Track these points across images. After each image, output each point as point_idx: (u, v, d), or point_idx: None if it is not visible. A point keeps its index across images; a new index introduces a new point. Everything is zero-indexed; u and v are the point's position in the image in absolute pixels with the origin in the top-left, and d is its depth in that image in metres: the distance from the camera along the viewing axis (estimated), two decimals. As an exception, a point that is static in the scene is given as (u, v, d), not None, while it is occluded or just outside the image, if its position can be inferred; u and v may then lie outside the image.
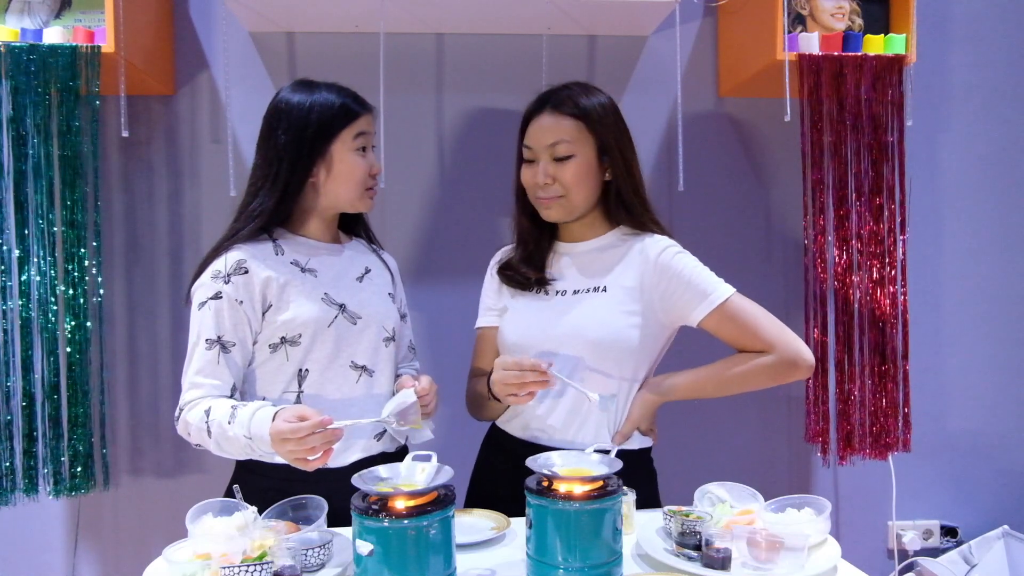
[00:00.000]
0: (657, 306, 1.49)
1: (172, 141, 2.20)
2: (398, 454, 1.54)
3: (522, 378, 1.38)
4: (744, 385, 1.49)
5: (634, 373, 1.50)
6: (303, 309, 1.42)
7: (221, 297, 1.40)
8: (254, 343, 1.44)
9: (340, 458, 1.44)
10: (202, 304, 1.41)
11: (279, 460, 1.36)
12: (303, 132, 1.43)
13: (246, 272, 1.41)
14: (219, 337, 1.40)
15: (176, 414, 1.41)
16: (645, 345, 1.49)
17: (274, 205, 1.44)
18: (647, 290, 1.49)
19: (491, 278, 1.66)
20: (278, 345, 1.43)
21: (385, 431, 1.48)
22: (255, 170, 1.48)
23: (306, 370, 1.43)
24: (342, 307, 1.46)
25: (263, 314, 1.43)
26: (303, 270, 1.46)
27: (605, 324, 1.47)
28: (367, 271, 1.56)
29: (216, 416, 1.33)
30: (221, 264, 1.41)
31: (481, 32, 2.26)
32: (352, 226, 1.63)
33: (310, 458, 1.25)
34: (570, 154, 1.48)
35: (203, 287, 1.42)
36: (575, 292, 1.52)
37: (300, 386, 1.43)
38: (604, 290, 1.50)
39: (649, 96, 2.34)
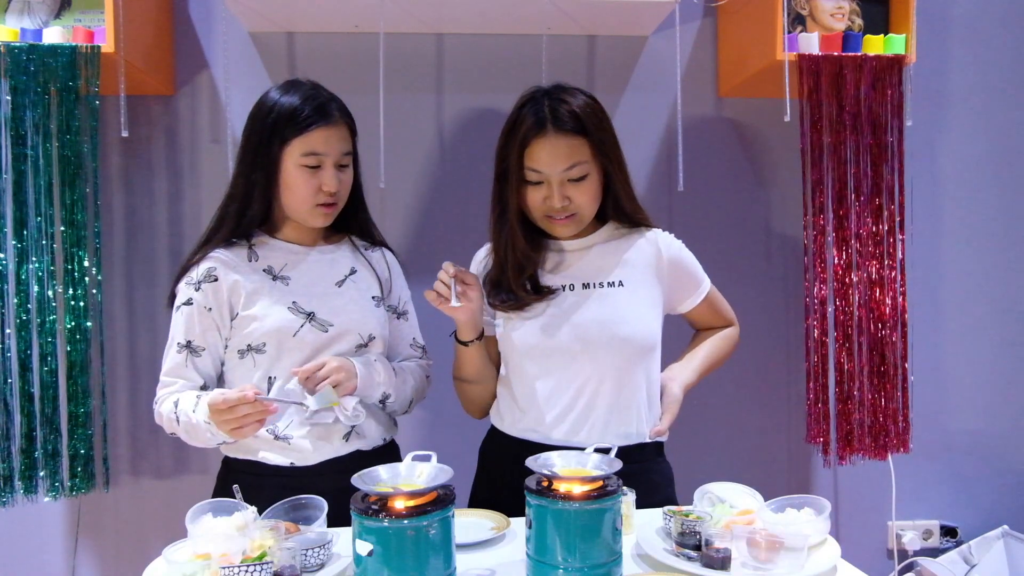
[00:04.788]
0: (667, 297, 1.55)
1: (172, 141, 2.20)
2: (374, 452, 1.52)
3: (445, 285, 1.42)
4: (726, 358, 1.68)
5: (654, 367, 1.53)
6: (268, 319, 1.43)
7: (192, 303, 1.44)
8: (225, 348, 1.47)
9: (310, 457, 1.45)
10: (177, 308, 1.46)
11: (253, 457, 1.44)
12: (261, 135, 1.42)
13: (215, 280, 1.44)
14: (189, 342, 1.44)
15: (153, 406, 1.48)
16: (659, 337, 1.54)
17: (242, 211, 1.46)
18: (661, 284, 1.53)
19: None
20: (245, 352, 1.45)
21: (353, 429, 1.48)
22: (234, 171, 1.49)
23: (274, 376, 1.44)
24: (310, 316, 1.45)
25: (231, 320, 1.45)
26: (275, 277, 1.47)
27: (635, 319, 1.48)
28: (352, 273, 1.54)
29: (183, 407, 1.40)
30: (194, 270, 1.45)
31: (481, 32, 2.26)
32: (348, 222, 1.58)
33: (243, 428, 1.31)
34: (585, 174, 1.44)
35: (180, 291, 1.47)
36: (585, 286, 1.50)
37: (268, 392, 1.43)
38: (620, 284, 1.50)
39: (649, 96, 2.34)
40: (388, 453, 1.57)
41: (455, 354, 1.58)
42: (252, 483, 1.39)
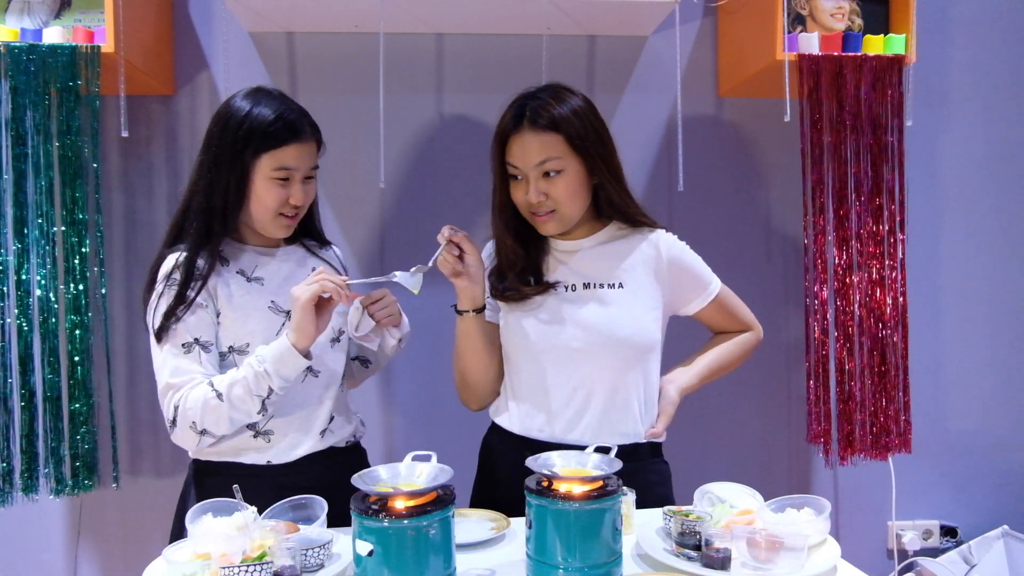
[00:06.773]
0: (668, 299, 1.55)
1: (172, 141, 2.20)
2: (348, 449, 1.57)
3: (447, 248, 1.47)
4: (736, 364, 1.65)
5: (653, 369, 1.53)
6: (250, 319, 1.45)
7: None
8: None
9: (287, 454, 1.47)
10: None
11: (240, 458, 1.45)
12: (234, 147, 1.40)
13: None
14: (196, 339, 1.41)
15: (171, 419, 1.40)
16: (660, 339, 1.54)
17: (222, 222, 1.43)
18: (662, 285, 1.53)
19: None
20: (227, 353, 1.45)
21: (327, 429, 1.51)
22: (192, 178, 1.46)
23: None
24: (288, 314, 1.46)
25: (216, 319, 1.45)
26: (249, 279, 1.48)
27: (634, 321, 1.48)
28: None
29: (224, 377, 1.38)
30: (176, 274, 1.42)
31: (481, 32, 2.26)
32: (299, 227, 1.58)
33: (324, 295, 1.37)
34: (559, 169, 1.45)
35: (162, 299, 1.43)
36: (585, 286, 1.51)
37: None
38: (621, 286, 1.50)
39: (649, 96, 2.34)
40: (359, 451, 1.64)
41: (456, 330, 1.57)
42: (227, 484, 1.35)
